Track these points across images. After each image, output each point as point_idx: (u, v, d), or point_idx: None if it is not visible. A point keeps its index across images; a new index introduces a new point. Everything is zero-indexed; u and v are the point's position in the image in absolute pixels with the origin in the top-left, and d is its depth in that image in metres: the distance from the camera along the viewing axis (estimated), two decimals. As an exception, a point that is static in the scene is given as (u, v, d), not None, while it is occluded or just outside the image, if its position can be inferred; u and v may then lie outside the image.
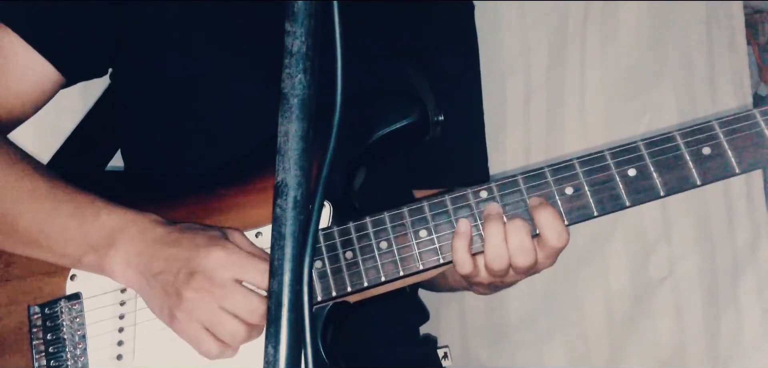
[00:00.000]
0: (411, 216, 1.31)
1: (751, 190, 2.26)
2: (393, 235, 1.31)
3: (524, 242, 1.27)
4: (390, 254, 1.31)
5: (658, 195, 1.27)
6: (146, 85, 1.53)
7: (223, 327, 1.26)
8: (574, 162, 1.29)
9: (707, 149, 1.26)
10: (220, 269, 1.25)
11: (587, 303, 2.20)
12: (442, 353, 1.76)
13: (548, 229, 1.27)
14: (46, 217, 1.35)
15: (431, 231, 1.30)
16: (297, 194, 0.96)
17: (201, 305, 1.25)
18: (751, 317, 2.22)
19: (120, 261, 1.32)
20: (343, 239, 1.31)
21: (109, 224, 1.33)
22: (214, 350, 1.27)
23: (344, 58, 1.04)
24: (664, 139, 1.28)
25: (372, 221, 1.32)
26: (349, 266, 1.31)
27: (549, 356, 2.19)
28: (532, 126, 2.20)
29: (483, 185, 1.31)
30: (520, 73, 2.21)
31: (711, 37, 2.26)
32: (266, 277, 1.23)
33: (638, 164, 1.27)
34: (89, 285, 1.37)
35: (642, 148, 1.28)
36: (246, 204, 1.38)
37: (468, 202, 1.31)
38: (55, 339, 1.36)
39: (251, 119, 1.43)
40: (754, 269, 2.23)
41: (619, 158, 1.28)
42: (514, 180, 1.30)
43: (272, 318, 0.93)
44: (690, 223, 2.22)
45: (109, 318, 1.36)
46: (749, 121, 1.26)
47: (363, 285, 1.31)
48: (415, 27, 1.67)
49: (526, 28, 2.21)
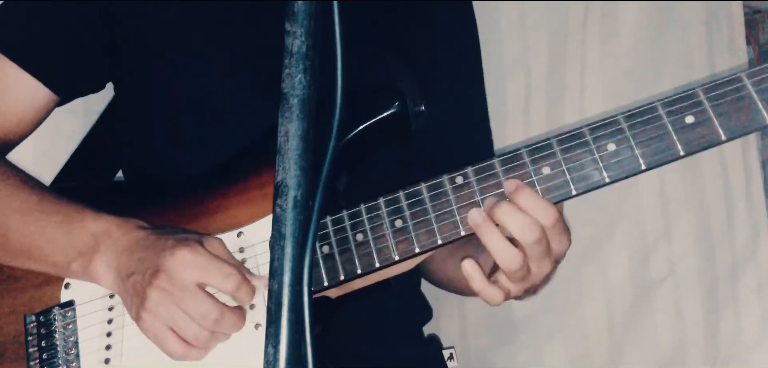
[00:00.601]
0: (386, 206, 1.29)
1: (750, 190, 2.26)
2: (369, 226, 1.29)
3: (521, 220, 1.22)
4: (366, 246, 1.29)
5: (639, 169, 1.23)
6: (143, 88, 1.53)
7: (184, 327, 1.26)
8: (551, 141, 1.26)
9: (690, 117, 1.21)
10: (182, 269, 1.25)
11: (587, 303, 2.20)
12: (448, 354, 1.76)
13: (533, 210, 1.22)
14: (35, 229, 1.38)
15: (406, 220, 1.29)
16: (297, 194, 0.96)
17: (162, 304, 1.25)
18: (750, 317, 2.22)
19: (103, 265, 1.33)
20: (320, 233, 1.30)
21: (94, 229, 1.34)
22: (178, 350, 1.27)
23: (344, 58, 1.03)
24: (644, 110, 1.23)
25: (349, 214, 1.31)
26: (325, 259, 1.30)
27: (549, 356, 2.19)
28: (532, 126, 2.20)
29: (458, 171, 1.28)
30: (520, 73, 2.21)
31: (711, 37, 2.26)
32: (228, 281, 1.25)
33: (617, 137, 1.24)
34: (81, 292, 1.39)
35: (622, 120, 1.24)
36: (229, 205, 1.38)
37: (444, 188, 1.28)
38: (48, 346, 1.38)
39: (251, 119, 1.43)
40: (753, 269, 2.23)
41: (597, 133, 1.25)
42: (490, 164, 1.28)
43: (272, 318, 0.93)
44: (690, 223, 2.22)
45: (98, 324, 1.38)
46: (735, 84, 1.21)
47: (338, 277, 1.30)
48: (414, 21, 1.66)
49: (526, 28, 2.21)
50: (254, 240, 1.35)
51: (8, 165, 1.49)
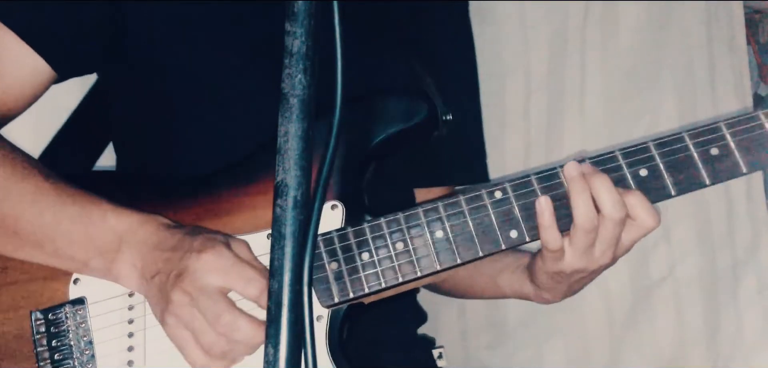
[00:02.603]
0: (426, 217, 1.31)
1: (751, 190, 2.26)
2: (409, 235, 1.30)
3: (612, 193, 1.25)
4: (407, 254, 1.30)
5: (669, 195, 1.29)
6: (145, 83, 1.52)
7: (201, 333, 1.23)
8: (586, 161, 1.29)
9: (715, 149, 1.29)
10: (205, 272, 1.22)
11: (587, 303, 2.19)
12: (437, 353, 1.76)
13: (640, 209, 1.27)
14: (50, 220, 1.33)
15: (447, 232, 1.30)
16: (297, 194, 0.96)
17: (185, 309, 1.22)
18: (751, 317, 2.22)
19: (127, 265, 1.30)
20: (359, 240, 1.31)
21: (117, 227, 1.31)
22: (199, 360, 1.24)
23: (344, 58, 1.03)
24: (673, 139, 1.30)
25: (387, 222, 1.31)
26: (365, 267, 1.30)
27: (549, 356, 2.19)
28: (532, 126, 2.20)
29: (498, 185, 1.30)
30: (520, 73, 2.20)
31: (711, 37, 2.26)
32: (250, 287, 1.23)
33: (649, 165, 1.29)
34: (94, 290, 1.34)
35: (652, 148, 1.29)
36: (255, 205, 1.36)
37: (483, 202, 1.30)
38: (60, 345, 1.33)
39: (251, 118, 1.42)
40: (754, 269, 2.23)
41: (630, 159, 1.30)
42: (528, 180, 1.30)
43: (272, 318, 0.93)
44: (690, 223, 2.22)
45: (117, 324, 1.33)
46: (754, 123, 1.29)
47: (381, 285, 1.30)
48: (410, 24, 1.66)
49: (526, 28, 2.21)
50: None
51: (16, 149, 1.43)
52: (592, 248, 1.30)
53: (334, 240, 1.31)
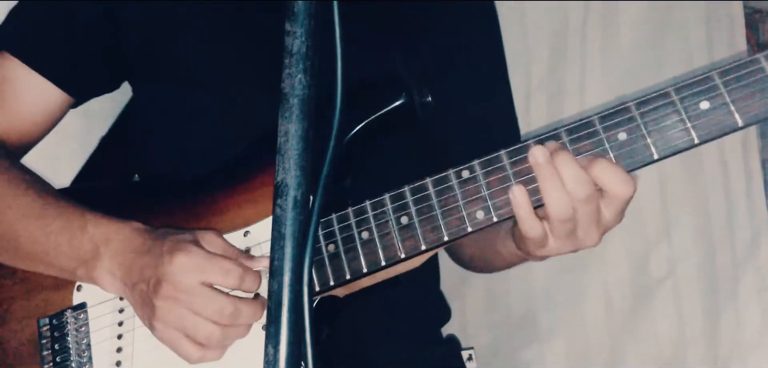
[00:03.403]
0: (392, 203, 1.27)
1: (751, 189, 2.26)
2: (374, 223, 1.27)
3: (573, 170, 1.15)
4: (371, 244, 1.27)
5: (652, 159, 1.17)
6: (147, 87, 1.53)
7: (196, 330, 1.25)
8: (560, 131, 1.21)
9: (706, 103, 1.16)
10: (183, 274, 1.24)
11: (587, 302, 2.20)
12: (467, 354, 1.75)
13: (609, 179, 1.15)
14: (41, 234, 1.38)
15: (412, 216, 1.26)
16: (297, 194, 0.96)
17: (172, 312, 1.25)
18: (751, 317, 2.22)
19: (105, 272, 1.33)
20: (326, 232, 1.29)
21: (94, 236, 1.34)
22: (195, 354, 1.27)
23: (345, 58, 1.03)
24: (658, 96, 1.19)
25: (353, 211, 1.29)
26: (331, 259, 1.29)
27: (549, 356, 2.19)
28: (532, 126, 2.20)
29: (464, 165, 1.24)
30: (520, 73, 2.21)
31: (711, 37, 2.26)
32: (229, 277, 1.25)
33: (629, 126, 1.18)
34: (93, 294, 1.39)
35: (633, 108, 1.18)
36: (237, 204, 1.37)
37: (450, 183, 1.25)
38: (62, 349, 1.38)
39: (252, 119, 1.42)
40: (754, 269, 2.23)
41: (607, 122, 1.19)
42: (497, 156, 1.23)
43: (272, 318, 0.93)
44: (690, 222, 2.22)
45: (109, 326, 1.38)
46: (753, 67, 1.15)
47: (345, 276, 1.28)
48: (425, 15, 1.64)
49: (526, 28, 2.21)
50: (261, 239, 1.34)
51: (17, 168, 1.48)
52: (574, 231, 1.22)
53: None
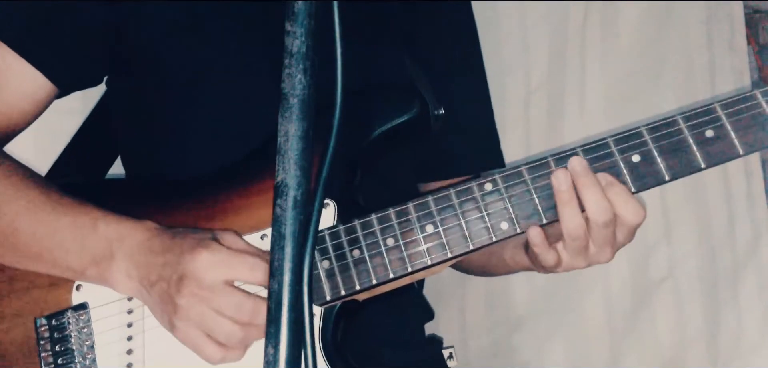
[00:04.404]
0: (416, 212, 1.30)
1: (751, 190, 2.26)
2: (399, 231, 1.30)
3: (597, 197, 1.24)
4: (397, 251, 1.30)
5: (663, 180, 1.27)
6: (145, 87, 1.52)
7: (218, 329, 1.24)
8: (577, 150, 1.29)
9: (710, 131, 1.26)
10: (206, 271, 1.23)
11: (587, 303, 2.20)
12: (448, 353, 1.75)
13: (623, 208, 1.25)
14: (45, 232, 1.35)
15: (437, 225, 1.30)
16: (297, 194, 0.96)
17: (194, 310, 1.24)
18: (751, 317, 2.22)
19: (121, 273, 1.31)
20: (350, 238, 1.31)
21: (107, 235, 1.32)
22: (216, 354, 1.26)
23: (344, 58, 1.03)
24: (667, 123, 1.27)
25: (378, 218, 1.31)
26: (356, 264, 1.30)
27: (549, 356, 2.19)
28: (532, 126, 2.20)
29: (487, 177, 1.30)
30: (520, 73, 2.21)
31: (711, 37, 2.26)
32: (256, 272, 1.24)
33: (642, 150, 1.27)
34: (95, 295, 1.37)
35: (645, 133, 1.27)
36: (249, 206, 1.37)
37: (473, 195, 1.30)
38: (63, 350, 1.36)
39: (252, 119, 1.42)
40: (754, 269, 2.23)
41: (622, 145, 1.28)
42: (518, 171, 1.30)
43: (272, 318, 0.93)
44: (690, 223, 2.22)
45: (117, 327, 1.36)
46: (750, 102, 1.26)
47: (371, 282, 1.30)
48: (405, 17, 1.65)
49: (526, 28, 2.21)
50: None
51: (11, 160, 1.46)
52: (588, 249, 1.30)
53: (326, 238, 1.31)
